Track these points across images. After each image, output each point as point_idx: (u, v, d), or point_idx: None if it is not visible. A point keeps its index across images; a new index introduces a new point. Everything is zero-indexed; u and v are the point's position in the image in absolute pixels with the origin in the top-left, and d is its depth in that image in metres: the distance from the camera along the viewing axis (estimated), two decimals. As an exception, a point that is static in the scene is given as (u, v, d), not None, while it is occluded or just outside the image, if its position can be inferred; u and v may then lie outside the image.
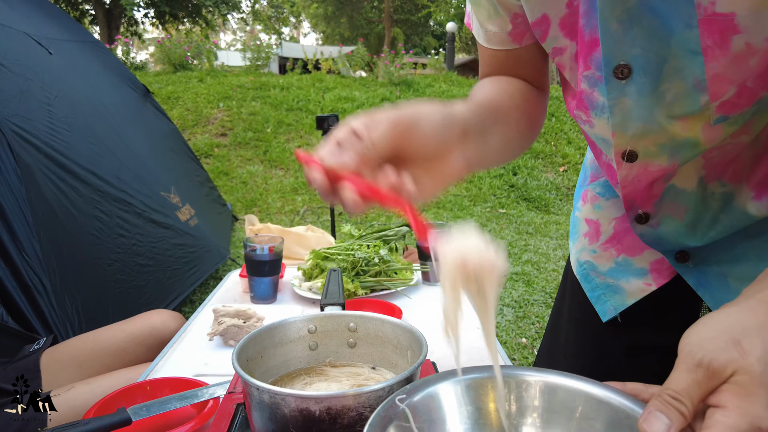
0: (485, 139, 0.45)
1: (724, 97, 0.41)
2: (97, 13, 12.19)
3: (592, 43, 0.44)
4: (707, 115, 0.42)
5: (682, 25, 0.39)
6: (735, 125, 0.43)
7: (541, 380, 0.40)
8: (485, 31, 0.55)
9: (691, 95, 0.42)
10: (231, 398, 0.56)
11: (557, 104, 5.54)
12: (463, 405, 0.39)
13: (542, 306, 2.42)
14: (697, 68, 0.40)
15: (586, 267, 0.67)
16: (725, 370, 0.30)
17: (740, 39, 0.38)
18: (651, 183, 0.50)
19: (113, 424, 0.53)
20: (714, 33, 0.38)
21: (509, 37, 0.54)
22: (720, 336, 0.32)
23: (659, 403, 0.32)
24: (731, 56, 0.39)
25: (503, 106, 0.51)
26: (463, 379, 0.40)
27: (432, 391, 0.39)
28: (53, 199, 1.62)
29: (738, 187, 0.49)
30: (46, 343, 1.12)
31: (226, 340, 0.83)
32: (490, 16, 0.53)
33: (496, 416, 0.39)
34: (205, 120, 4.82)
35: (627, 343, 0.66)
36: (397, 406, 0.36)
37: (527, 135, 0.54)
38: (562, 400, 0.39)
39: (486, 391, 0.39)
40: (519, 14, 0.52)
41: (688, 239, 0.53)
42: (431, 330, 0.88)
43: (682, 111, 0.43)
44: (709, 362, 0.31)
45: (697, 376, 0.31)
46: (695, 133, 0.44)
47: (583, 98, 0.48)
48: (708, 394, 0.31)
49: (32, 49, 1.95)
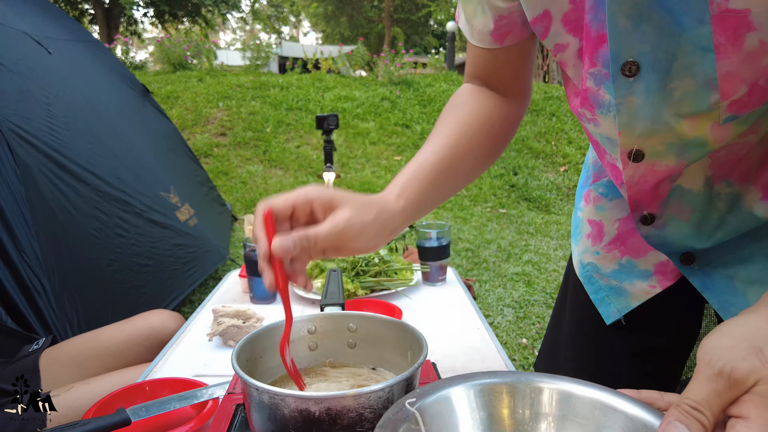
0: (422, 205, 0.51)
1: (735, 96, 0.40)
2: (96, 12, 12.18)
3: (599, 39, 0.43)
4: (716, 114, 0.42)
5: (694, 21, 0.38)
6: (744, 124, 0.43)
7: (555, 387, 0.39)
8: (471, 27, 0.56)
9: (701, 93, 0.41)
10: (230, 399, 0.56)
11: (558, 104, 5.53)
12: (476, 410, 0.38)
13: (543, 306, 2.42)
14: (708, 66, 0.39)
15: (589, 269, 0.66)
16: (747, 380, 0.29)
17: (754, 36, 0.37)
18: (657, 183, 0.49)
19: (112, 425, 0.53)
20: (727, 30, 0.37)
21: (491, 37, 0.55)
22: (740, 344, 0.31)
23: (678, 413, 0.31)
24: (744, 54, 0.38)
25: (462, 150, 0.55)
26: (475, 384, 0.39)
27: (443, 396, 0.38)
28: (52, 198, 1.62)
29: (745, 188, 0.48)
30: (45, 344, 1.12)
31: (226, 341, 0.83)
32: (476, 14, 0.55)
33: (509, 422, 0.39)
34: (205, 119, 4.81)
35: (630, 346, 0.65)
36: (407, 409, 0.36)
37: (487, 161, 0.59)
38: (577, 407, 0.38)
39: (499, 397, 0.39)
40: (504, 16, 0.53)
41: (694, 241, 0.52)
42: (431, 330, 0.88)
43: (690, 109, 0.42)
44: (730, 371, 0.30)
45: (717, 386, 0.30)
46: (704, 132, 0.43)
47: (588, 96, 0.47)
48: (729, 404, 0.30)
49: (31, 49, 1.95)
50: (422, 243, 1.09)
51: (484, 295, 2.52)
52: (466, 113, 0.57)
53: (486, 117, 0.57)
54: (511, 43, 0.55)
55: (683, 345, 0.65)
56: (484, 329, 0.89)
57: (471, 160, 0.56)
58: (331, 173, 1.91)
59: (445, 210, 3.93)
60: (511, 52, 0.57)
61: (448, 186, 0.54)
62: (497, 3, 0.52)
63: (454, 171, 0.54)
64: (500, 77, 0.59)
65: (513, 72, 0.59)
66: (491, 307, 2.39)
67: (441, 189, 0.53)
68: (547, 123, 5.25)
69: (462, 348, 0.82)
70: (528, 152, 4.83)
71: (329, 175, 1.91)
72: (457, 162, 0.54)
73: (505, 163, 4.63)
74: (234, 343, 0.82)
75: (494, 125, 0.58)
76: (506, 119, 0.59)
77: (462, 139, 0.55)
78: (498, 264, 2.92)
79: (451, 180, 0.54)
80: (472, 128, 0.56)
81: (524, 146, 4.88)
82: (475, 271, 2.81)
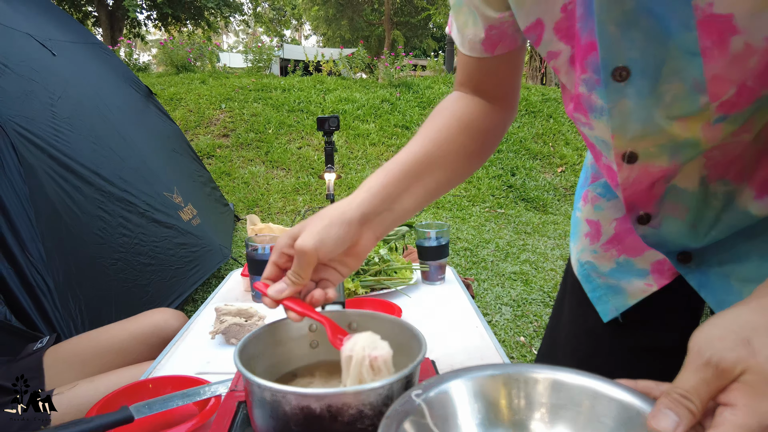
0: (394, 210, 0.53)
1: (724, 97, 0.41)
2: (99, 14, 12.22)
3: (589, 46, 0.44)
4: (707, 115, 0.42)
5: (680, 26, 0.38)
6: (735, 124, 0.43)
7: (550, 377, 0.40)
8: (462, 36, 0.57)
9: (691, 96, 0.41)
10: (233, 396, 0.57)
11: (555, 105, 5.53)
12: (475, 401, 0.40)
13: (540, 305, 2.42)
14: (696, 69, 0.40)
15: (587, 267, 0.67)
16: (734, 369, 0.30)
17: (739, 39, 0.37)
18: (652, 184, 0.50)
19: (116, 422, 0.54)
20: (712, 34, 0.38)
21: (482, 46, 0.56)
22: (729, 335, 0.31)
23: (668, 401, 0.32)
24: (730, 57, 0.38)
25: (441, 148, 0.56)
26: (474, 377, 0.41)
27: (445, 388, 0.40)
28: (56, 199, 1.63)
29: (740, 187, 0.49)
30: (49, 342, 1.13)
31: (228, 339, 0.84)
32: (467, 24, 0.56)
33: (506, 412, 0.40)
34: (208, 121, 4.83)
35: (628, 344, 0.66)
36: (413, 401, 0.37)
37: (471, 162, 0.60)
38: (572, 396, 0.39)
39: (497, 388, 0.40)
40: (495, 26, 0.54)
41: (690, 239, 0.53)
42: (430, 328, 0.88)
43: (681, 112, 0.43)
44: (718, 361, 0.30)
45: (705, 375, 0.31)
46: (695, 133, 0.44)
47: (582, 101, 0.48)
48: (717, 392, 0.31)
49: (36, 51, 1.96)
50: (421, 242, 1.10)
51: (482, 293, 2.52)
52: (447, 117, 0.59)
53: (468, 121, 0.59)
54: (502, 52, 0.56)
55: (681, 343, 0.66)
56: (483, 327, 0.89)
57: (450, 160, 0.57)
58: (331, 174, 1.92)
59: (444, 210, 3.94)
60: (501, 61, 0.58)
61: (423, 183, 0.55)
62: (488, 13, 0.53)
63: (429, 169, 0.55)
64: (489, 85, 0.61)
65: (502, 80, 0.60)
66: (489, 306, 2.40)
67: (414, 185, 0.54)
68: (545, 124, 5.26)
69: (461, 346, 0.83)
70: (526, 153, 4.83)
71: (330, 176, 1.92)
72: (432, 161, 0.55)
73: (503, 163, 4.64)
74: (236, 341, 0.83)
75: (477, 129, 0.59)
76: (491, 124, 0.61)
77: (438, 141, 0.57)
78: (496, 263, 2.92)
79: (427, 177, 0.55)
80: (451, 130, 0.58)
81: (522, 147, 4.89)
82: (473, 271, 2.82)
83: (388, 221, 0.53)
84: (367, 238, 0.51)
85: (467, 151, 0.58)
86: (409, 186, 0.54)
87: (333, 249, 0.49)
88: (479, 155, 0.60)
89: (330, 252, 0.49)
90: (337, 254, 0.50)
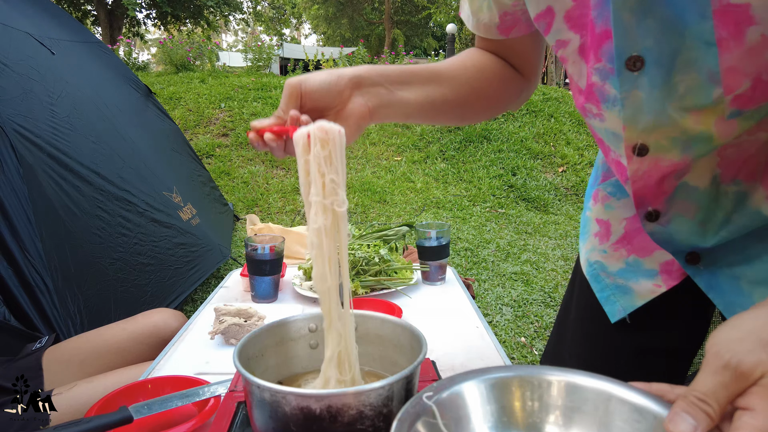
0: (392, 91, 0.53)
1: (738, 91, 0.40)
2: (99, 13, 12.21)
3: (604, 34, 0.43)
4: (721, 109, 0.42)
5: (697, 16, 0.38)
6: (751, 120, 0.43)
7: (564, 379, 0.40)
8: (477, 20, 0.58)
9: (705, 88, 0.41)
10: (232, 396, 0.56)
11: (556, 105, 5.53)
12: (488, 403, 0.39)
13: (541, 305, 2.42)
14: (711, 60, 0.39)
15: (596, 267, 0.66)
16: (753, 372, 0.30)
17: (755, 30, 0.37)
18: (662, 179, 0.49)
19: (115, 422, 0.54)
20: (729, 24, 0.37)
21: (496, 30, 0.58)
22: (748, 337, 0.31)
23: (685, 404, 0.31)
24: (746, 48, 0.38)
25: (450, 71, 0.57)
26: (487, 378, 0.40)
27: (458, 389, 0.39)
28: (55, 198, 1.62)
29: (752, 187, 0.48)
30: (48, 342, 1.13)
31: (228, 339, 0.84)
32: (481, 9, 0.57)
33: (520, 414, 0.40)
34: (207, 120, 4.83)
35: (635, 345, 0.65)
36: (424, 402, 0.37)
37: (477, 107, 0.60)
38: (586, 399, 0.39)
39: (510, 390, 0.40)
40: (509, 12, 0.54)
41: (699, 239, 0.52)
42: (431, 329, 0.88)
43: (694, 104, 0.42)
44: (737, 364, 0.30)
45: (724, 378, 0.30)
46: (708, 127, 0.43)
47: (594, 91, 0.48)
48: (736, 396, 0.30)
49: (35, 50, 1.96)
50: (422, 242, 1.10)
51: (483, 294, 2.52)
52: (465, 59, 0.60)
53: (481, 65, 0.60)
54: (517, 35, 0.57)
55: (689, 344, 0.65)
56: (483, 328, 0.89)
57: (457, 84, 0.57)
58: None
59: (444, 210, 3.93)
60: (516, 42, 0.59)
61: (425, 88, 0.55)
62: (503, 0, 0.54)
63: (436, 80, 0.56)
64: (506, 56, 0.62)
65: (519, 54, 0.61)
66: (490, 306, 2.40)
67: (416, 83, 0.54)
68: (546, 124, 5.25)
69: (461, 346, 0.82)
70: (526, 153, 4.83)
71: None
72: (439, 74, 0.56)
73: (503, 163, 4.63)
74: (235, 341, 0.83)
75: (492, 77, 0.60)
76: (506, 79, 0.61)
77: (449, 63, 0.58)
78: (497, 263, 2.92)
79: (431, 84, 0.55)
80: (467, 68, 0.59)
81: (523, 147, 4.89)
82: (474, 271, 2.81)
83: (384, 98, 0.53)
84: (357, 103, 0.51)
85: (474, 87, 0.59)
86: (410, 81, 0.54)
87: (317, 89, 0.49)
88: (486, 99, 0.61)
89: (313, 91, 0.49)
90: (323, 100, 0.50)
